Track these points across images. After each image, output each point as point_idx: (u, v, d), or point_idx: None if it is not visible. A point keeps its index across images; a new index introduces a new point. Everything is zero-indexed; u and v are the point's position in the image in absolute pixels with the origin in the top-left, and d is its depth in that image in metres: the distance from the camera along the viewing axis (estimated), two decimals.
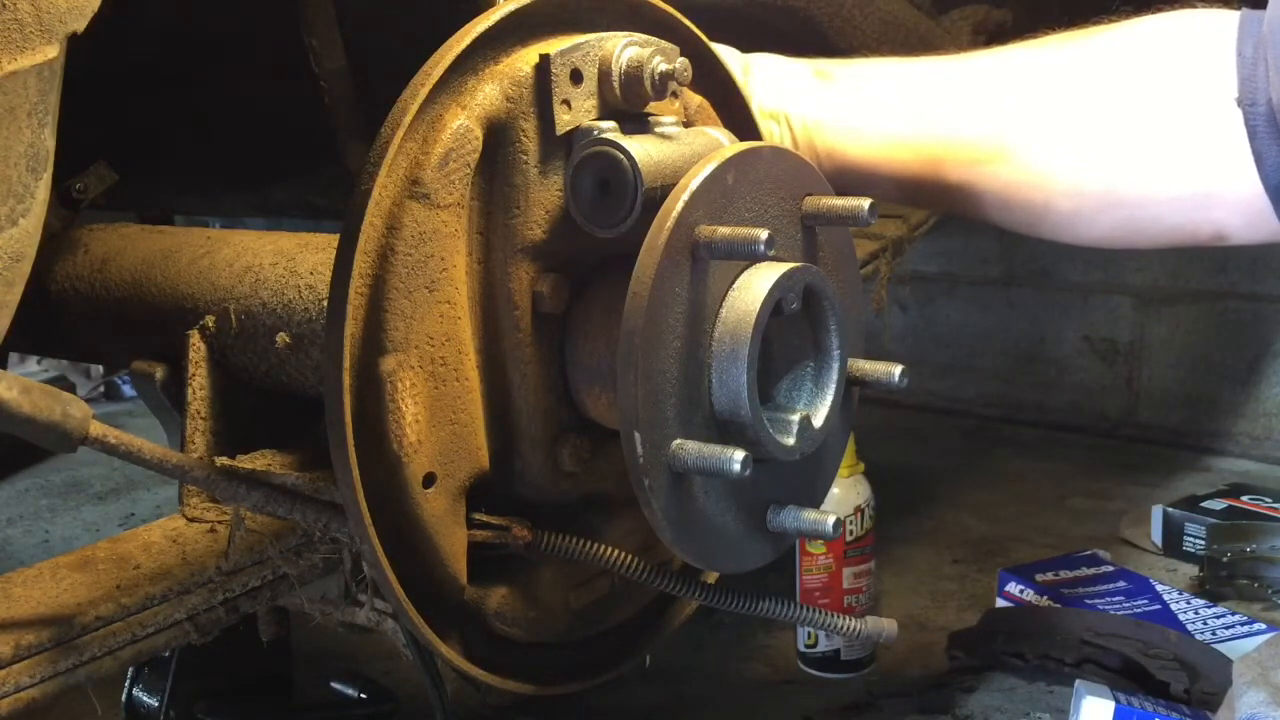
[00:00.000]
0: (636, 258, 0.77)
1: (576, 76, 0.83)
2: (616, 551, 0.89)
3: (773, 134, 1.07)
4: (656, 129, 0.87)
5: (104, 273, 1.18)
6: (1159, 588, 1.67)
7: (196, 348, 1.04)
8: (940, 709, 1.43)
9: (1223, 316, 2.48)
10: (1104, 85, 1.03)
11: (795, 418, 0.84)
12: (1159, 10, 1.03)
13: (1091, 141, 1.03)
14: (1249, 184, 0.97)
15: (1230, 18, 0.98)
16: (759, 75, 1.09)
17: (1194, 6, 1.02)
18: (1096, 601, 1.62)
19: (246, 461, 0.92)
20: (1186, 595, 1.65)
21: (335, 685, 1.38)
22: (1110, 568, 1.75)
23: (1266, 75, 0.93)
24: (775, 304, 0.80)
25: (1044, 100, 1.05)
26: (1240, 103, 0.94)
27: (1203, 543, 1.86)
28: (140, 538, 0.98)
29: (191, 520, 1.01)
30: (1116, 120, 1.02)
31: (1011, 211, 1.09)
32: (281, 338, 0.99)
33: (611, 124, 0.84)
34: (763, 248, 0.75)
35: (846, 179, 1.09)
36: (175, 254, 1.14)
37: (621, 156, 0.81)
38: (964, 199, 1.10)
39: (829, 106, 1.08)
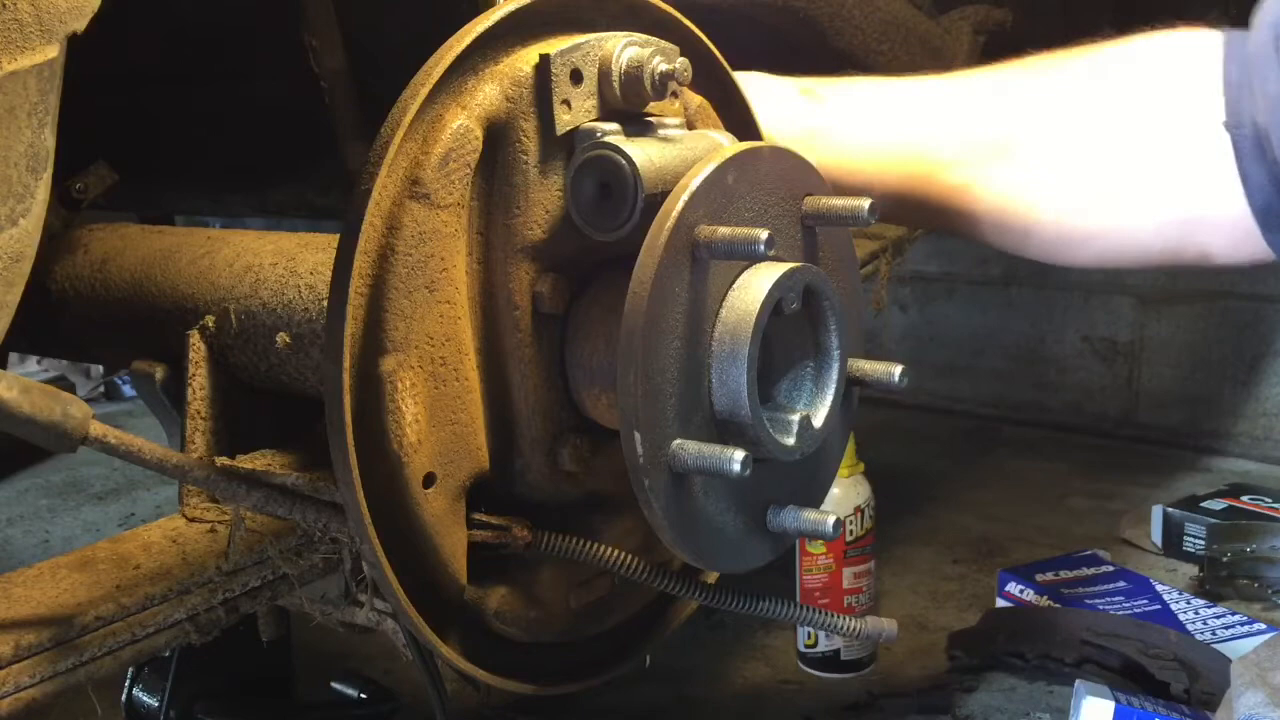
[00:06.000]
0: (636, 258, 0.77)
1: (576, 76, 0.83)
2: (616, 551, 0.88)
3: None
4: (658, 131, 0.86)
5: (104, 273, 1.18)
6: (1159, 588, 1.67)
7: (196, 348, 1.04)
8: (940, 709, 1.43)
9: (1223, 316, 2.48)
10: (1092, 113, 1.04)
11: (795, 418, 0.84)
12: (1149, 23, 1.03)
13: (1078, 169, 1.04)
14: (1235, 206, 0.97)
15: (1215, 38, 0.98)
16: (747, 93, 1.09)
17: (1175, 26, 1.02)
18: (1096, 601, 1.62)
19: (246, 461, 0.93)
20: (1186, 595, 1.65)
21: (335, 685, 1.38)
22: (1110, 568, 1.75)
23: (1252, 97, 0.93)
24: (775, 304, 0.80)
25: (1031, 128, 1.06)
26: (1227, 125, 0.94)
27: (1203, 543, 1.86)
28: (140, 538, 0.98)
29: (191, 520, 1.01)
30: (1104, 148, 1.03)
31: (998, 234, 1.10)
32: (281, 338, 0.99)
33: (614, 126, 0.84)
34: (763, 248, 0.75)
35: None
36: (175, 254, 1.14)
37: (622, 161, 0.81)
38: (953, 220, 1.11)
39: (817, 126, 1.08)
